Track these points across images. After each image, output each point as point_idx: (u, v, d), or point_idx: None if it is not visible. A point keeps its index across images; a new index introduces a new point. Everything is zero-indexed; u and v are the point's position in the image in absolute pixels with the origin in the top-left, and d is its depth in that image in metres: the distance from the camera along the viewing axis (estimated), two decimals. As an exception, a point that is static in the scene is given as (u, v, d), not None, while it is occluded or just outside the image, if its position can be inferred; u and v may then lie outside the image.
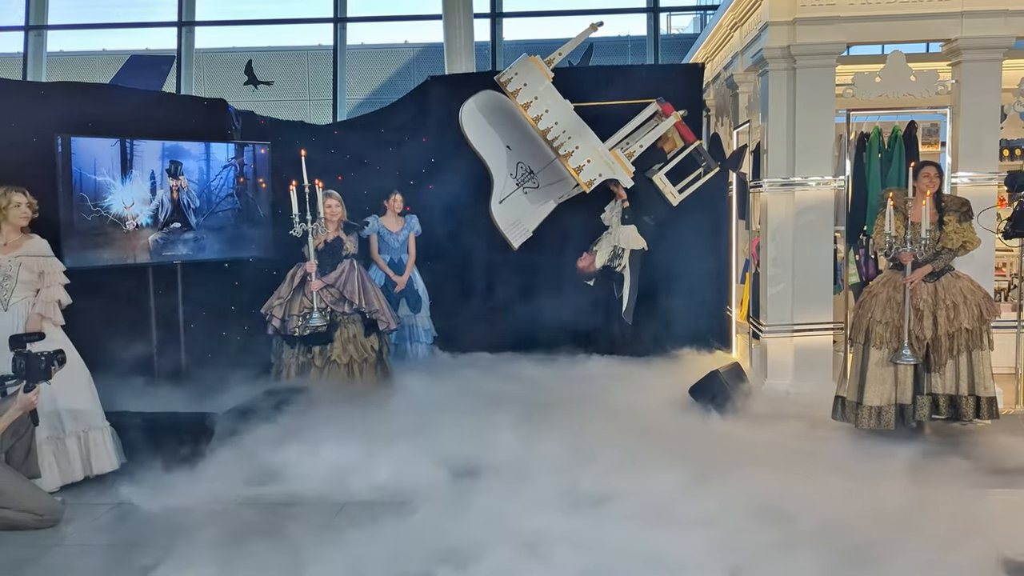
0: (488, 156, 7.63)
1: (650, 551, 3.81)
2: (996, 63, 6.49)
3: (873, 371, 5.70)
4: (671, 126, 7.49)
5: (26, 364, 4.44)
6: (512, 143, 7.66)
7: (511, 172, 7.64)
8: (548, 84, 7.38)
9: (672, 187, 7.53)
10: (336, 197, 6.72)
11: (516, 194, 7.63)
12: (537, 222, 7.71)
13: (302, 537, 4.19)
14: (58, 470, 4.98)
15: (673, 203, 7.54)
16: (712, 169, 7.58)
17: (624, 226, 7.57)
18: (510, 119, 7.60)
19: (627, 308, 7.62)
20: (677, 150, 7.60)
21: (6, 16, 12.84)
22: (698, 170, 7.59)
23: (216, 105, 7.53)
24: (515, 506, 4.32)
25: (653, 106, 7.50)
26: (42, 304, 5.07)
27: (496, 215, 7.61)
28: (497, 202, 7.60)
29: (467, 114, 7.58)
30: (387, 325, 6.78)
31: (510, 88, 7.37)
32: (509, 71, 7.44)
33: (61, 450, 5.03)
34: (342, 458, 5.09)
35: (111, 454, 5.20)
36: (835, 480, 4.73)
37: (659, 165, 7.56)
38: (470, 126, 7.58)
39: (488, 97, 7.65)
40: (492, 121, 7.63)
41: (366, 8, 15.47)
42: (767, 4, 6.72)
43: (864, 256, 7.32)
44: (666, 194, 7.51)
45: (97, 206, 6.35)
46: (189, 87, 12.46)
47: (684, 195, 7.55)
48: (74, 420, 5.10)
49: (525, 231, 7.67)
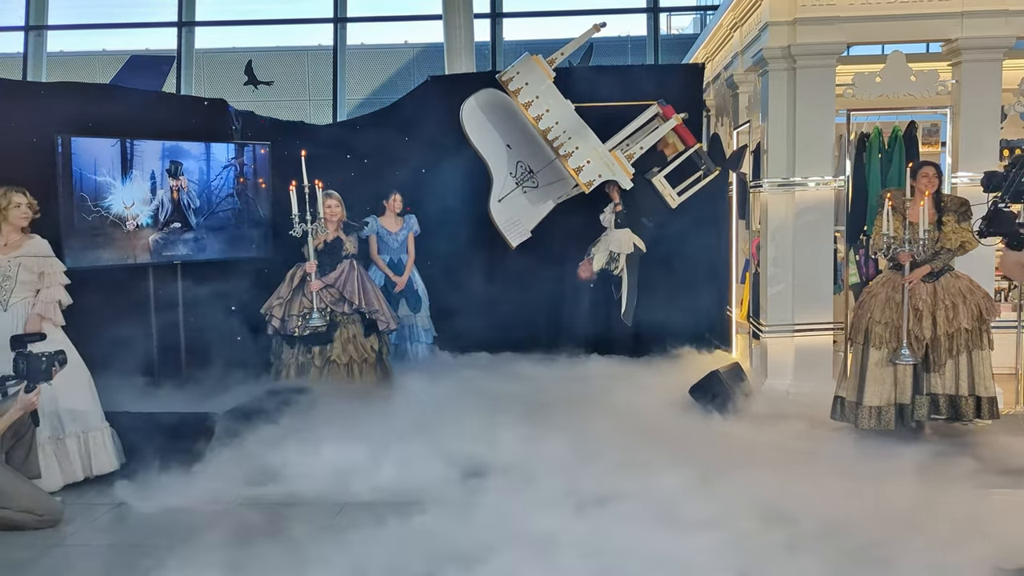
0: (488, 154, 7.63)
1: (655, 552, 3.81)
2: (996, 63, 6.49)
3: (872, 371, 5.70)
4: (671, 129, 7.49)
5: (27, 365, 4.44)
6: (512, 142, 7.66)
7: (511, 171, 7.64)
8: (549, 84, 7.38)
9: (671, 190, 7.52)
10: (336, 197, 6.72)
11: (515, 193, 7.62)
12: (535, 221, 7.71)
13: (304, 537, 4.19)
14: (59, 470, 4.98)
15: (672, 206, 7.53)
16: (712, 172, 7.58)
17: (618, 230, 7.58)
18: (511, 118, 7.59)
19: (626, 310, 7.62)
20: (677, 153, 7.59)
21: (6, 16, 12.83)
22: (697, 173, 7.59)
23: (216, 105, 7.53)
24: (518, 507, 4.33)
25: (654, 108, 7.50)
26: (41, 305, 5.06)
27: (495, 214, 7.61)
28: (496, 201, 7.60)
29: (468, 112, 7.58)
30: (387, 325, 6.78)
31: (511, 87, 7.37)
32: (511, 70, 7.44)
33: (62, 450, 5.03)
34: (342, 458, 5.08)
35: (111, 454, 5.20)
36: (836, 480, 4.73)
37: (659, 168, 7.56)
38: (471, 124, 7.57)
39: (489, 95, 7.65)
40: (493, 119, 7.62)
41: (366, 8, 15.47)
42: (767, 4, 6.72)
43: (864, 256, 7.32)
44: (665, 196, 7.51)
45: (97, 206, 6.35)
46: (189, 87, 12.46)
47: (683, 198, 7.55)
48: (74, 421, 5.09)
49: (524, 230, 7.67)
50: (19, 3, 12.65)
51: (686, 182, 7.59)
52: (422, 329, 7.66)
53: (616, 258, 7.60)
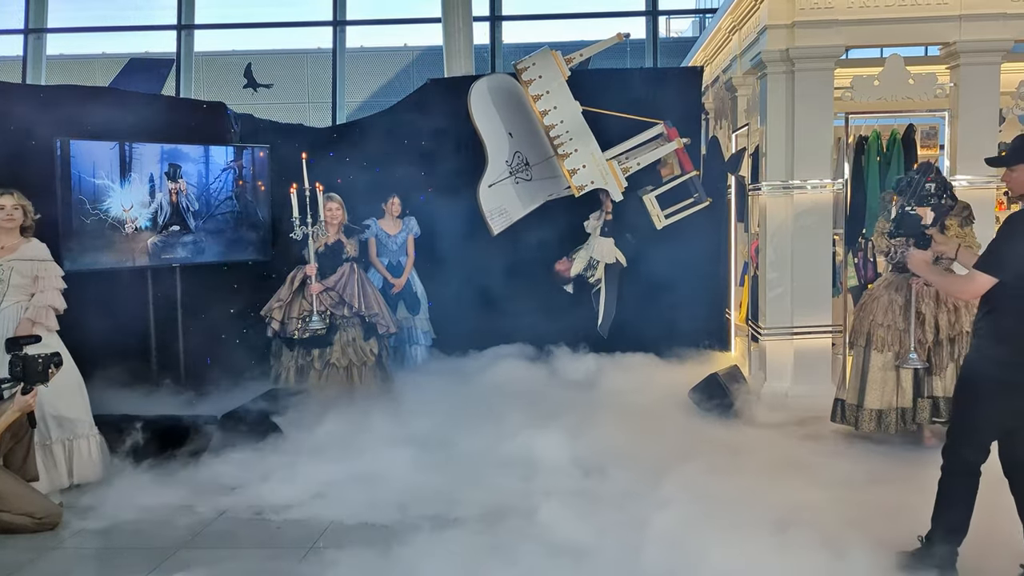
0: (488, 138, 7.63)
1: (660, 552, 3.82)
2: (994, 66, 6.49)
3: (874, 374, 5.70)
4: (672, 151, 7.48)
5: (23, 366, 4.43)
6: (515, 131, 7.66)
7: (507, 159, 7.64)
8: (562, 82, 7.39)
9: (660, 211, 7.49)
10: (337, 200, 6.72)
11: (507, 182, 7.62)
12: (522, 214, 7.68)
13: (293, 548, 4.18)
14: (46, 476, 4.89)
15: (657, 227, 7.48)
16: (703, 203, 7.54)
17: (603, 238, 7.58)
18: (518, 107, 7.60)
19: (603, 322, 7.60)
20: (673, 176, 7.59)
21: (5, 19, 12.84)
22: (689, 200, 7.56)
23: (215, 108, 7.53)
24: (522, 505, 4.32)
25: (659, 127, 7.49)
26: (34, 309, 4.99)
27: (482, 198, 7.60)
28: (487, 186, 7.60)
29: (477, 92, 7.60)
30: (386, 329, 6.77)
31: (525, 77, 7.38)
32: (528, 60, 7.47)
33: (48, 457, 4.96)
34: (342, 466, 5.07)
35: (96, 463, 5.12)
36: (837, 482, 4.73)
37: (652, 187, 7.54)
38: (477, 105, 7.59)
39: (502, 80, 7.69)
40: (499, 104, 7.63)
41: (365, 11, 15.45)
42: (766, 7, 6.73)
43: (863, 259, 7.31)
44: (652, 216, 7.48)
45: (96, 209, 6.35)
46: (188, 90, 12.45)
47: (669, 221, 7.50)
48: (60, 427, 5.03)
49: (508, 219, 7.64)
50: (18, 6, 12.65)
51: (676, 206, 7.55)
52: (421, 332, 7.65)
53: (594, 265, 7.59)
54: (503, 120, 7.64)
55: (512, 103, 7.62)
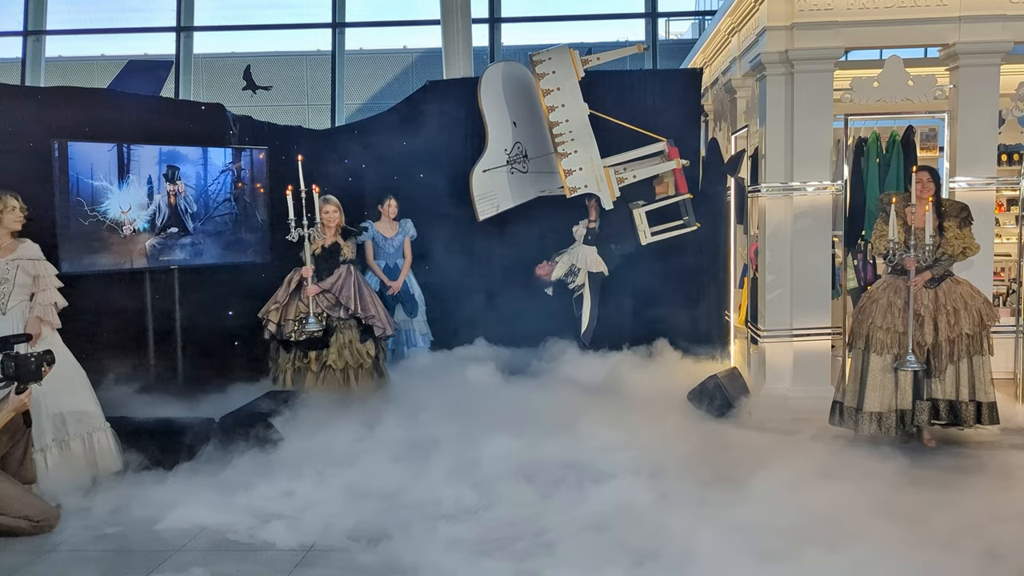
0: (492, 123, 7.61)
1: (663, 554, 3.81)
2: (994, 68, 6.49)
3: (874, 377, 5.69)
4: (670, 171, 7.47)
5: (16, 365, 4.42)
6: (519, 121, 7.64)
7: (507, 148, 7.62)
8: (575, 81, 7.36)
9: (648, 227, 7.45)
10: (334, 202, 6.70)
11: (503, 170, 7.59)
12: (512, 204, 7.65)
13: (289, 552, 4.16)
14: (66, 473, 4.97)
15: (642, 242, 7.45)
16: (692, 226, 7.51)
17: (586, 246, 7.56)
18: (527, 98, 7.59)
19: (585, 331, 7.57)
20: (667, 195, 7.58)
21: (5, 21, 12.86)
22: (679, 221, 7.54)
23: (214, 110, 7.52)
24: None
25: (662, 144, 7.46)
26: (40, 307, 5.09)
27: (475, 182, 7.57)
28: (481, 170, 7.57)
29: (489, 76, 7.62)
30: (383, 331, 6.75)
31: (538, 69, 7.37)
32: (544, 53, 7.45)
33: (66, 453, 5.05)
34: (338, 471, 5.05)
35: (115, 454, 5.25)
36: (838, 483, 4.71)
37: (644, 202, 7.52)
38: (487, 89, 7.59)
39: (516, 68, 7.69)
40: (509, 92, 7.63)
41: (364, 13, 15.44)
42: (765, 9, 6.72)
43: (862, 261, 7.31)
44: (639, 231, 7.44)
45: (94, 211, 6.34)
46: (187, 92, 12.46)
47: (655, 239, 7.47)
48: (78, 422, 5.14)
49: (495, 207, 7.62)
50: (18, 8, 12.66)
51: (664, 225, 7.52)
52: (419, 334, 7.64)
53: (576, 272, 7.57)
54: (510, 108, 7.64)
55: (523, 93, 7.62)
